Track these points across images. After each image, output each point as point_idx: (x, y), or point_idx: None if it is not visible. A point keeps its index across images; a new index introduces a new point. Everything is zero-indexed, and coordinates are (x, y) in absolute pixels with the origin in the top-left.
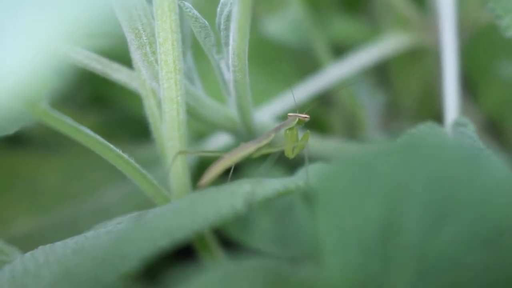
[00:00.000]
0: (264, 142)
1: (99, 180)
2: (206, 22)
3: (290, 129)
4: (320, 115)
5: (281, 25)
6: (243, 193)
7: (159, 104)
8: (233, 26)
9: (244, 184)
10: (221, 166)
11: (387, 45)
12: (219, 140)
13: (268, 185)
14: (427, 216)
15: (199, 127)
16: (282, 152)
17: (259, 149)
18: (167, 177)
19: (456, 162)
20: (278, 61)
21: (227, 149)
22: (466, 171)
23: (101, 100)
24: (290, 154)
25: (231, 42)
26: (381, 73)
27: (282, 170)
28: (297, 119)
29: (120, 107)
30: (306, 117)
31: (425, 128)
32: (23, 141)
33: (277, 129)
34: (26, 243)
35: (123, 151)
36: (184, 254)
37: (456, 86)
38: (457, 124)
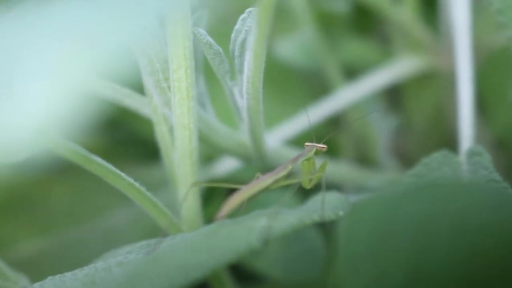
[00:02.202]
0: (282, 173)
1: (108, 202)
2: (221, 49)
3: (307, 159)
4: (330, 137)
5: (292, 47)
6: (259, 228)
7: (170, 130)
8: (249, 54)
9: (260, 217)
10: (239, 199)
11: (399, 68)
12: (228, 164)
13: (283, 218)
14: (452, 264)
15: (209, 150)
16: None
17: (276, 181)
18: (179, 206)
19: (481, 205)
20: (289, 84)
21: (237, 173)
22: (489, 215)
23: (112, 120)
24: (307, 185)
25: (246, 70)
26: (392, 95)
27: (294, 195)
28: (314, 149)
29: (131, 127)
30: (323, 147)
31: (439, 157)
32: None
33: (294, 160)
34: (33, 266)
35: (133, 173)
36: None
37: (471, 113)
38: (472, 153)
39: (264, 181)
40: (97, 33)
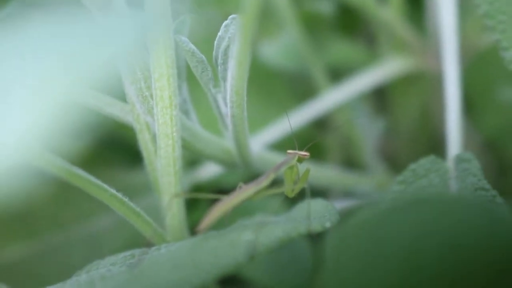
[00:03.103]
0: (264, 183)
1: (91, 208)
2: (203, 57)
3: (290, 167)
4: (315, 142)
5: (276, 50)
6: (244, 242)
7: (153, 138)
8: (232, 63)
9: (245, 230)
10: (220, 210)
11: (385, 69)
12: (212, 168)
13: (270, 231)
14: (443, 283)
15: (192, 156)
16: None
17: (259, 191)
18: (163, 216)
19: (470, 221)
20: (274, 86)
21: (221, 178)
22: (479, 232)
23: (96, 125)
24: (290, 194)
25: (229, 78)
26: (378, 96)
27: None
28: (296, 157)
29: (115, 131)
30: (306, 155)
31: (427, 163)
32: None
33: (276, 169)
34: (16, 271)
35: (118, 178)
36: None
37: (459, 116)
38: (460, 160)
39: (246, 191)
40: (80, 47)
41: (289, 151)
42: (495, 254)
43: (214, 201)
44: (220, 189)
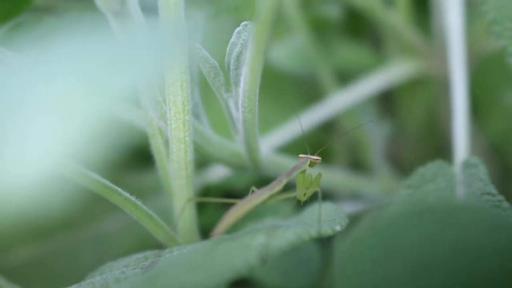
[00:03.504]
0: (277, 188)
1: (100, 208)
2: (216, 63)
3: (302, 172)
4: (323, 142)
5: (285, 53)
6: (257, 246)
7: (166, 143)
8: (245, 69)
9: (257, 233)
10: (234, 215)
11: (392, 73)
12: (222, 170)
13: (281, 235)
14: None
15: (202, 157)
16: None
17: (271, 195)
18: (175, 221)
19: (477, 228)
20: (282, 89)
21: (230, 180)
22: (486, 238)
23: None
24: (302, 198)
25: (242, 84)
26: (385, 99)
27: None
28: (308, 161)
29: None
30: (318, 159)
31: (434, 168)
32: None
33: (289, 174)
34: (26, 272)
35: (130, 179)
36: None
37: (465, 120)
38: (467, 165)
39: (260, 196)
40: (97, 57)
41: (301, 155)
42: (502, 259)
43: (223, 203)
44: (229, 191)
